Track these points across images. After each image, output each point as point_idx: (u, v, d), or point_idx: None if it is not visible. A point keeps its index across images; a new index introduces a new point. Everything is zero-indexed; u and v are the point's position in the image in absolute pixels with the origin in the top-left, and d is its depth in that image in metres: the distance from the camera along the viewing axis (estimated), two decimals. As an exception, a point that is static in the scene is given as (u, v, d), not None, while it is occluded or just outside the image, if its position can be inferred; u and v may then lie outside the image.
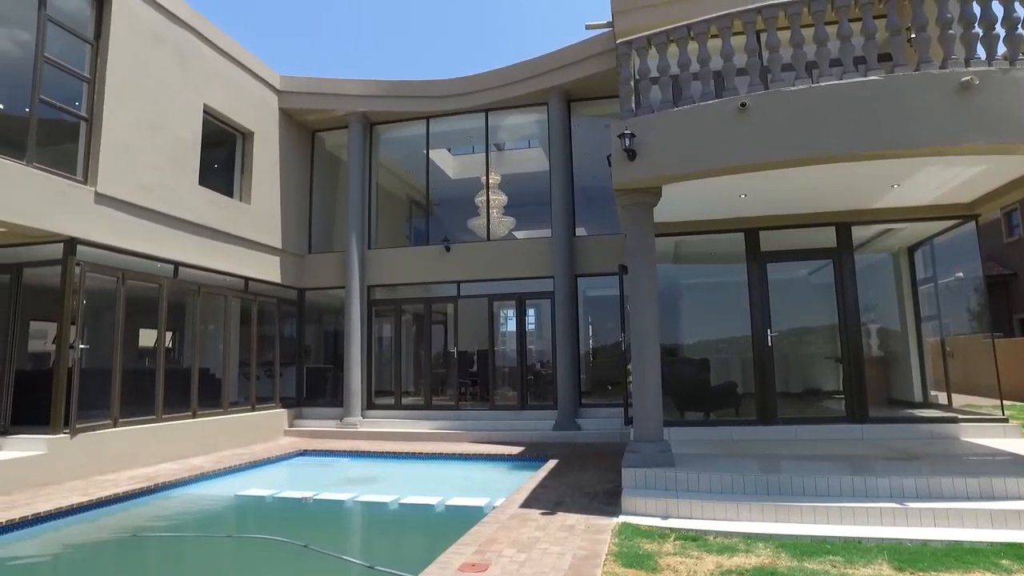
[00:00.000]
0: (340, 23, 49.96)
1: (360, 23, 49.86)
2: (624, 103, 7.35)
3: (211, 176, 11.63)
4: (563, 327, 12.30)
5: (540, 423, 12.16)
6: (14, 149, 8.30)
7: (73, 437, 8.51)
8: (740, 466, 6.63)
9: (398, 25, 50.29)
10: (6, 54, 8.65)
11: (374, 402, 13.56)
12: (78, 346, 8.73)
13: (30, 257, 8.94)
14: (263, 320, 13.07)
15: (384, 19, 49.79)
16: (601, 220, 13.87)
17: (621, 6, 10.35)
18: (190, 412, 10.77)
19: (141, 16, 10.10)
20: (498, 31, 51.62)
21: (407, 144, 14.86)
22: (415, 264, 13.70)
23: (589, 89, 12.87)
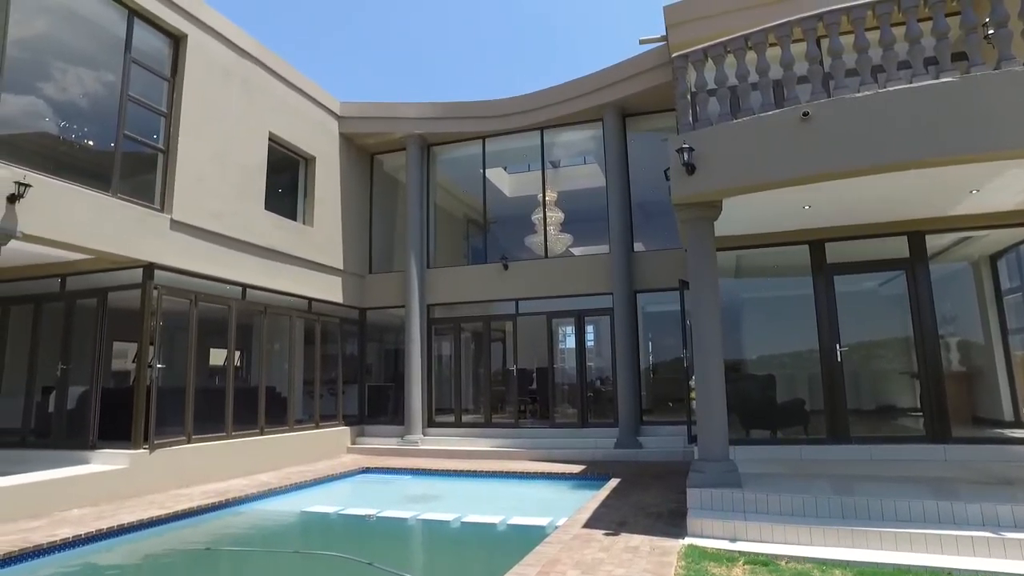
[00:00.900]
0: (398, 47, 51.39)
1: (416, 47, 51.12)
2: (681, 117, 7.27)
3: (276, 200, 12.08)
4: (623, 344, 12.15)
5: (601, 441, 12.00)
6: (101, 181, 8.84)
7: (152, 452, 8.91)
8: (811, 487, 6.36)
9: (452, 48, 51.33)
10: (94, 94, 9.25)
11: (434, 420, 13.69)
12: (156, 365, 9.16)
13: (113, 282, 9.46)
14: (326, 339, 13.42)
15: (438, 42, 50.90)
16: (659, 235, 13.69)
17: (675, 19, 10.28)
18: (258, 429, 11.12)
19: (212, 53, 10.64)
20: (552, 49, 52.00)
21: (464, 164, 15.08)
22: (473, 282, 13.83)
23: (644, 104, 12.80)
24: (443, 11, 46.43)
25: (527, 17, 46.30)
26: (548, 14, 47.14)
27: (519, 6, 45.67)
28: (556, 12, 46.57)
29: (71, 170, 8.61)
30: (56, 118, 8.94)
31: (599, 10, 47.23)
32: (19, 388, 9.88)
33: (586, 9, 47.15)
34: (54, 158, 8.65)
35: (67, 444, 9.21)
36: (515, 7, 46.16)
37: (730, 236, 8.76)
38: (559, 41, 50.93)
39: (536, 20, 47.75)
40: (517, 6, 45.79)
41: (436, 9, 46.56)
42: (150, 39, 9.77)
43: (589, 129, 13.82)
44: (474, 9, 46.92)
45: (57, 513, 7.49)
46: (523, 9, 46.18)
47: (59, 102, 8.85)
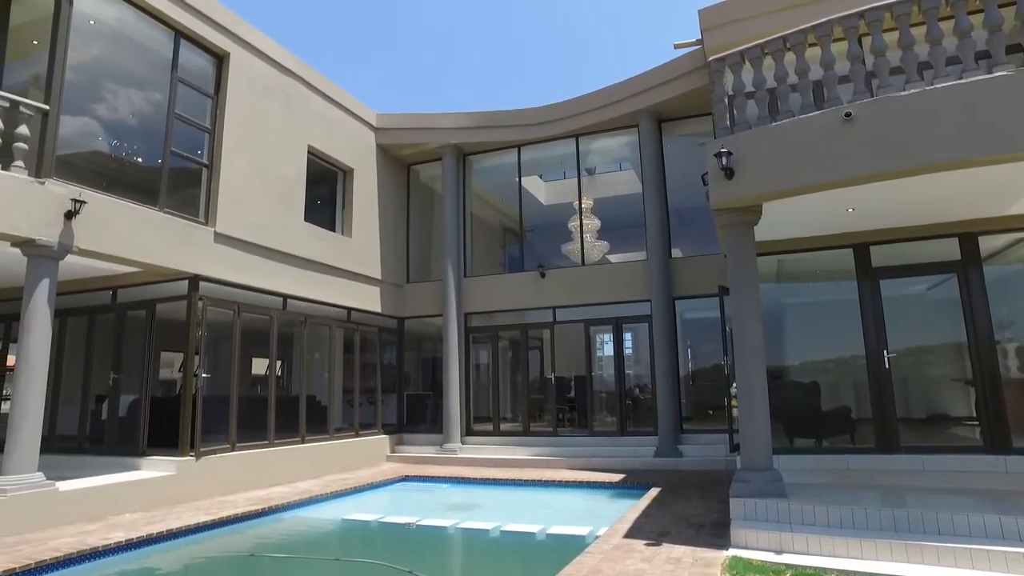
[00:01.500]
0: (433, 59, 52.03)
1: (450, 57, 51.65)
2: (719, 121, 7.18)
3: (315, 212, 12.30)
4: (661, 351, 12.01)
5: (640, 449, 11.85)
6: (149, 196, 9.14)
7: (198, 460, 9.13)
8: (860, 498, 6.16)
9: (487, 58, 51.72)
10: (143, 113, 9.58)
11: (472, 428, 13.71)
12: (201, 375, 9.40)
13: (161, 294, 9.74)
14: (365, 348, 13.58)
15: (473, 53, 51.35)
16: (697, 241, 13.51)
17: (710, 23, 10.17)
18: (299, 438, 11.29)
19: (254, 70, 10.92)
20: (585, 57, 51.95)
21: (499, 173, 15.15)
22: (510, 291, 13.85)
23: (680, 109, 12.68)
24: (477, 23, 46.86)
25: (560, 26, 46.40)
26: (580, 22, 47.19)
27: (551, 15, 45.80)
28: (588, 19, 46.59)
29: (121, 186, 8.93)
30: (108, 137, 9.29)
31: (631, 16, 47.10)
32: (75, 396, 10.25)
33: (618, 15, 47.06)
34: (106, 175, 8.97)
35: (119, 451, 9.50)
36: (547, 16, 46.32)
37: (770, 240, 8.60)
38: (592, 49, 50.91)
39: (569, 28, 47.83)
40: (549, 15, 45.93)
41: (470, 21, 47.01)
42: (195, 58, 10.08)
43: (624, 135, 13.74)
44: (507, 19, 47.24)
45: (111, 517, 7.73)
46: (556, 18, 46.31)
47: (110, 121, 9.20)
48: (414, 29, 49.46)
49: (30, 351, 7.44)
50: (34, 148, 7.76)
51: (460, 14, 47.63)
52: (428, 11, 46.91)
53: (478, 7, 47.50)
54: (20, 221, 7.32)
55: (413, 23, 49.35)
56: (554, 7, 46.17)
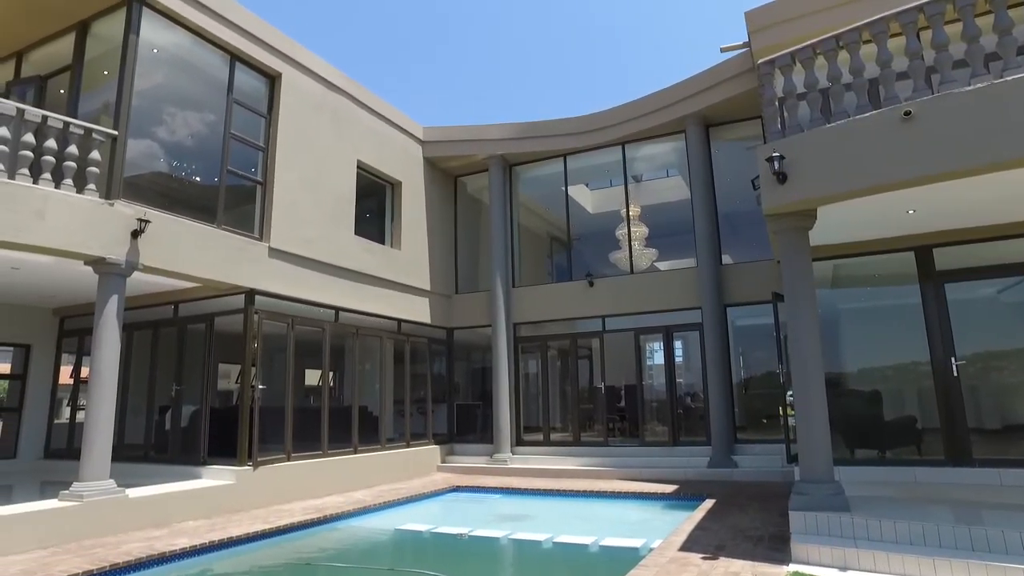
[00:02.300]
0: (477, 70, 52.60)
1: (495, 69, 52.14)
2: (769, 124, 7.03)
3: (364, 225, 12.53)
4: (713, 359, 11.77)
5: (693, 460, 11.62)
6: (207, 214, 9.48)
7: (255, 469, 9.37)
8: (930, 513, 5.88)
9: (531, 69, 52.02)
10: (200, 134, 9.96)
11: (523, 438, 13.70)
12: (258, 387, 9.65)
13: (219, 308, 10.07)
14: (415, 359, 13.74)
15: (518, 64, 51.74)
16: (748, 246, 13.24)
17: (757, 24, 9.99)
18: (351, 448, 11.47)
19: (304, 88, 11.23)
20: (629, 64, 51.73)
21: (545, 182, 15.17)
22: (559, 300, 13.81)
23: (727, 113, 12.47)
24: (521, 34, 47.08)
25: (603, 35, 46.26)
26: (624, 29, 46.94)
27: (594, 24, 45.71)
28: (631, 27, 46.32)
29: (181, 205, 9.28)
30: (168, 158, 9.69)
31: (675, 22, 46.63)
32: (141, 407, 10.68)
33: (662, 22, 46.66)
34: (167, 195, 9.34)
35: (181, 459, 9.85)
36: (590, 25, 46.25)
37: (826, 245, 8.35)
38: (636, 56, 50.54)
39: (612, 37, 47.64)
40: (592, 24, 45.86)
41: (514, 33, 47.31)
42: (249, 80, 10.43)
43: (671, 141, 13.59)
44: (551, 28, 47.36)
45: (175, 523, 8.01)
46: (599, 27, 46.19)
47: (170, 143, 9.59)
48: (459, 43, 50.10)
49: (101, 364, 7.78)
50: (104, 171, 8.16)
51: (504, 28, 48.02)
52: (473, 26, 47.46)
53: (521, 20, 47.79)
54: (92, 241, 7.70)
55: (458, 37, 49.99)
56: (597, 16, 46.12)
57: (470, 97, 53.01)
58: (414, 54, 51.29)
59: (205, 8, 9.45)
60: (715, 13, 44.34)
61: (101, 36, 9.24)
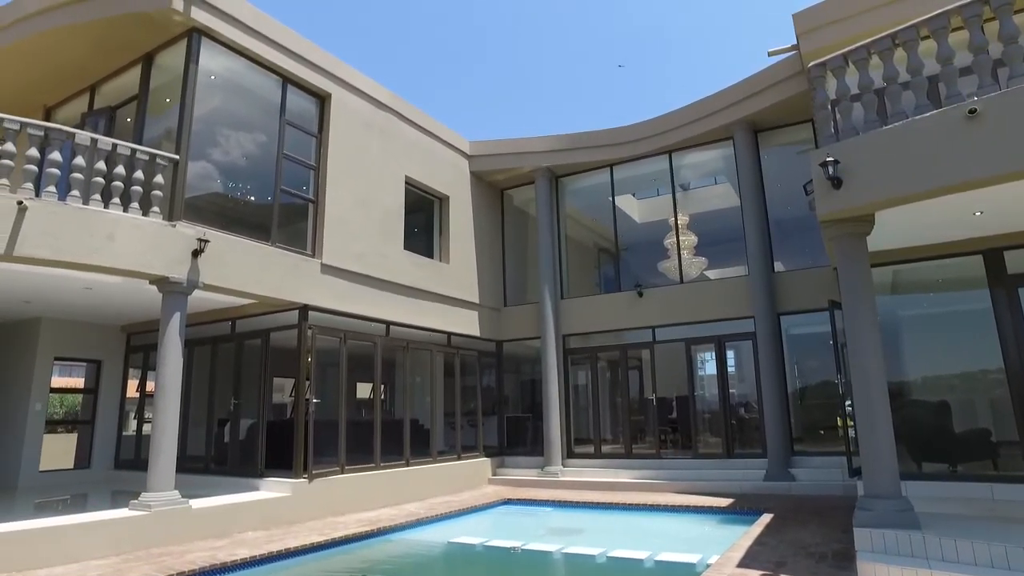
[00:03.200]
0: (524, 84, 53.05)
1: (540, 80, 52.46)
2: (822, 129, 6.85)
3: (413, 239, 12.72)
4: (767, 369, 11.48)
5: (748, 472, 11.33)
6: (261, 232, 9.79)
7: (311, 482, 9.55)
8: (1011, 534, 5.55)
9: (576, 80, 52.14)
10: (253, 155, 10.32)
11: (573, 451, 13.60)
12: (312, 400, 9.86)
13: (274, 324, 10.36)
14: (465, 372, 13.82)
15: (562, 76, 51.93)
16: (800, 253, 12.93)
17: (805, 26, 9.80)
18: (403, 461, 11.59)
19: (353, 107, 11.51)
20: (674, 72, 51.32)
21: (592, 193, 15.12)
22: (608, 311, 13.72)
23: (776, 117, 12.23)
24: (565, 47, 47.26)
25: (648, 43, 46.04)
26: (669, 36, 46.61)
27: (639, 31, 45.53)
28: (676, 34, 45.96)
29: (237, 224, 9.60)
30: (224, 178, 10.07)
31: (719, 29, 46.07)
32: (202, 420, 11.05)
33: (706, 28, 46.16)
34: (223, 214, 9.69)
35: (240, 471, 10.12)
36: (635, 33, 46.10)
37: (884, 250, 8.07)
38: (681, 63, 50.10)
39: (657, 44, 47.36)
40: (637, 31, 45.69)
41: (559, 45, 47.51)
42: (300, 101, 10.76)
43: (718, 148, 13.40)
44: (595, 39, 47.40)
45: (236, 534, 8.23)
46: (643, 35, 45.99)
47: (226, 164, 9.96)
48: (502, 57, 50.60)
49: (166, 379, 8.09)
50: (167, 194, 8.53)
51: (549, 41, 48.29)
52: (517, 40, 47.88)
53: (565, 33, 47.96)
54: (156, 261, 8.05)
55: (501, 52, 50.51)
56: (641, 25, 45.96)
57: (515, 110, 53.49)
58: (459, 69, 52.14)
59: (259, 35, 9.80)
60: (760, 17, 43.66)
61: (164, 66, 9.69)
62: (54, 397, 11.93)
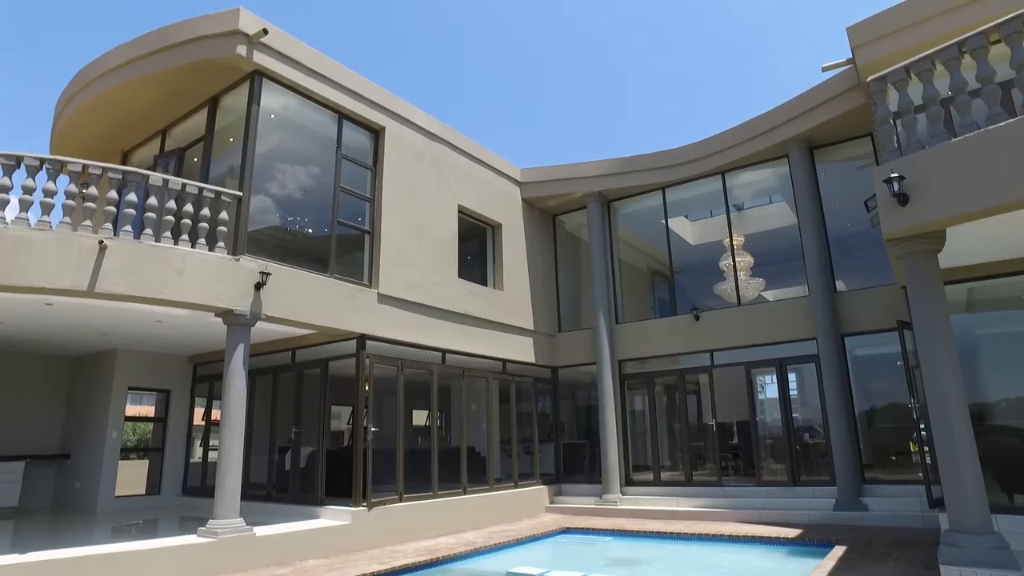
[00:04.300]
0: (575, 110, 53.46)
1: (591, 106, 52.74)
2: (884, 143, 6.65)
3: (467, 267, 12.84)
4: (833, 392, 11.05)
5: (816, 501, 10.86)
6: (319, 264, 10.05)
7: (370, 510, 9.62)
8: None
9: (628, 103, 52.24)
10: (309, 188, 10.66)
11: (632, 478, 13.33)
12: (371, 429, 9.97)
13: (332, 353, 10.56)
14: (520, 398, 13.78)
15: (611, 98, 52.09)
16: (862, 272, 12.50)
17: (861, 39, 9.57)
18: (461, 489, 11.56)
19: (406, 139, 11.79)
20: (725, 92, 50.86)
21: (644, 216, 15.00)
22: (664, 335, 13.50)
23: (832, 133, 11.94)
24: (615, 72, 47.53)
25: (696, 65, 45.88)
26: (717, 57, 46.34)
27: (688, 53, 45.46)
28: (723, 54, 45.67)
29: (296, 256, 9.90)
30: (283, 212, 10.42)
31: (770, 47, 45.54)
32: (264, 448, 11.30)
33: (756, 48, 45.70)
34: (282, 246, 10.01)
35: (300, 499, 10.28)
36: (684, 55, 46.01)
37: (958, 268, 7.72)
38: (731, 84, 49.66)
39: (706, 66, 47.12)
40: (686, 53, 45.62)
41: (610, 71, 47.82)
42: (355, 135, 11.08)
43: (772, 167, 13.14)
44: (644, 63, 47.51)
45: (297, 562, 8.33)
46: (691, 57, 45.88)
47: (285, 198, 10.32)
48: (555, 85, 51.18)
49: (231, 408, 8.34)
50: (231, 229, 8.87)
51: (595, 64, 48.66)
52: (567, 66, 48.39)
53: (611, 56, 48.27)
54: (222, 294, 8.35)
55: (554, 79, 51.11)
56: (689, 47, 45.88)
57: (564, 136, 53.88)
58: (508, 97, 52.99)
59: (316, 74, 10.18)
60: (809, 34, 42.94)
61: (228, 108, 10.16)
62: (127, 425, 12.44)
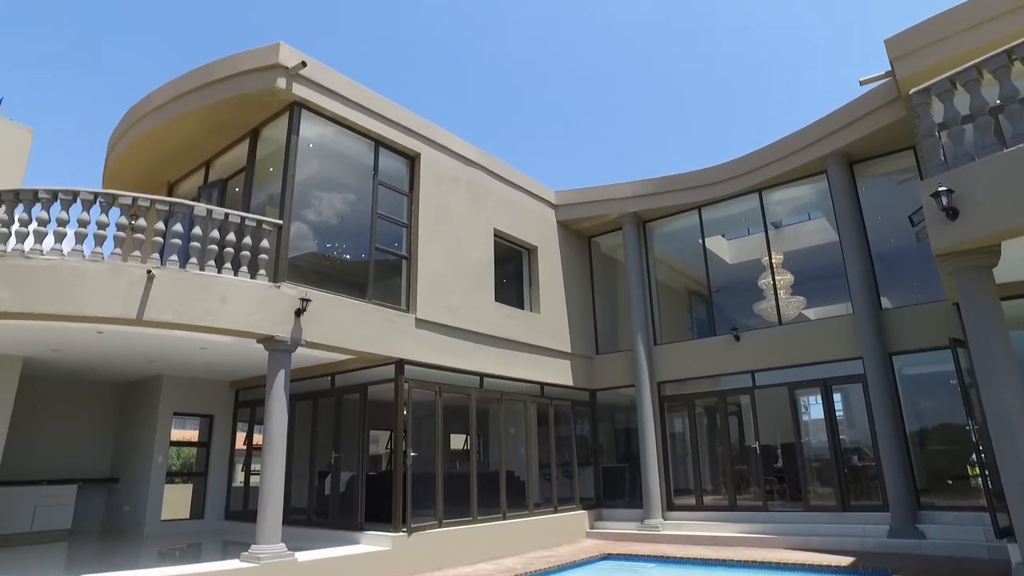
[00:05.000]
0: (608, 131, 53.64)
1: (624, 125, 52.85)
2: (930, 157, 6.48)
3: (503, 291, 12.84)
4: (882, 413, 10.68)
5: (869, 528, 10.45)
6: (357, 290, 10.17)
7: (409, 535, 9.58)
8: None
9: (655, 122, 52.25)
10: (344, 214, 10.85)
11: (673, 502, 13.04)
12: (410, 454, 9.96)
13: (371, 378, 10.63)
14: (559, 422, 13.65)
15: (645, 119, 52.15)
16: (909, 288, 12.18)
17: (900, 51, 9.42)
18: (500, 514, 11.44)
19: (442, 165, 11.93)
20: (758, 110, 50.53)
21: (681, 236, 14.86)
22: (703, 356, 13.27)
23: (872, 147, 11.72)
24: (648, 92, 47.68)
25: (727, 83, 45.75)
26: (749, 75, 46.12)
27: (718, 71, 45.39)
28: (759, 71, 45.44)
29: (334, 282, 10.04)
30: (321, 239, 10.61)
31: (804, 64, 45.16)
32: (304, 472, 11.38)
33: (790, 64, 45.37)
34: (321, 272, 10.17)
35: (341, 524, 10.30)
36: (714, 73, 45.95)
37: (1014, 283, 7.43)
38: (765, 101, 49.33)
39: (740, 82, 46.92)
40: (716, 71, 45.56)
41: (642, 91, 47.99)
42: (391, 162, 11.25)
43: (810, 183, 12.93)
44: (673, 81, 47.55)
45: (338, 591, 8.31)
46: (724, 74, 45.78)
47: (323, 225, 10.51)
48: (584, 105, 51.51)
49: (272, 433, 8.43)
50: (271, 257, 9.06)
51: (629, 85, 48.87)
52: (598, 87, 48.70)
53: (646, 75, 48.44)
54: (264, 321, 8.51)
55: (582, 100, 51.46)
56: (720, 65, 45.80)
57: (598, 157, 54.03)
58: (541, 119, 53.47)
59: (352, 103, 10.39)
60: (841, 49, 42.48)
61: (268, 139, 10.44)
62: (172, 449, 12.69)
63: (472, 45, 49.91)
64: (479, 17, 44.41)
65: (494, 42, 47.81)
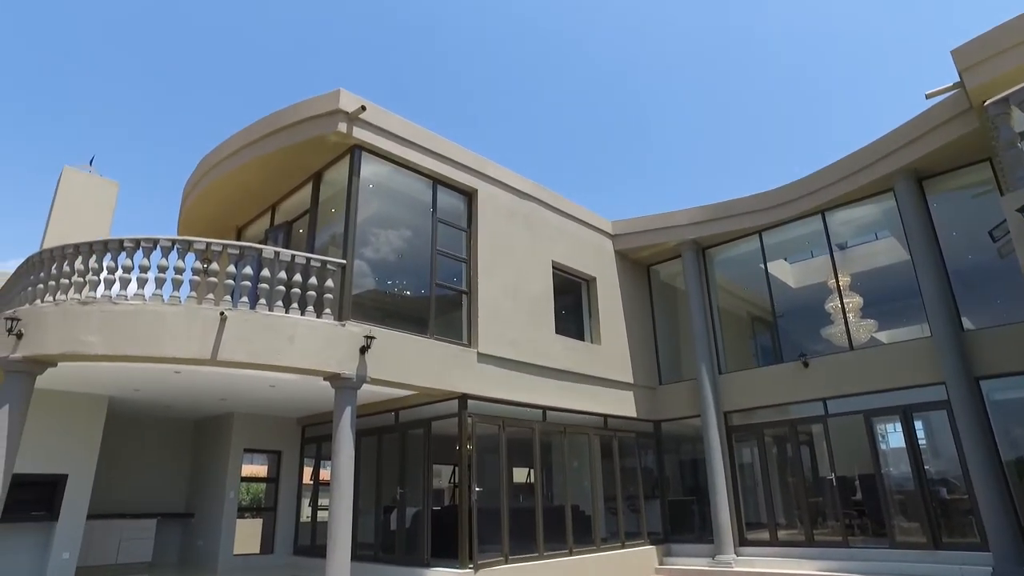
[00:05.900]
0: (661, 158, 53.52)
1: (680, 152, 52.64)
2: (1012, 169, 6.21)
3: (563, 323, 12.76)
4: (972, 442, 10.04)
5: (967, 568, 9.75)
6: (418, 325, 10.31)
7: (476, 572, 9.49)
8: None
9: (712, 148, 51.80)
10: (403, 251, 11.08)
11: (746, 537, 12.52)
12: (475, 488, 9.92)
13: (434, 413, 10.70)
14: (623, 454, 13.39)
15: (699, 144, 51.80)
16: (992, 307, 11.51)
17: (968, 61, 9.13)
18: (566, 549, 11.22)
19: (499, 199, 12.08)
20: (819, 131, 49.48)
21: (741, 262, 14.54)
22: (770, 384, 12.84)
23: (942, 161, 11.28)
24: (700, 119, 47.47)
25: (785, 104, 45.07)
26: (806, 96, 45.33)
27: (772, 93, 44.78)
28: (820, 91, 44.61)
29: (396, 318, 10.22)
30: (383, 276, 10.84)
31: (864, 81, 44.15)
32: (370, 508, 11.47)
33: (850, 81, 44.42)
34: (383, 309, 10.37)
35: (407, 560, 10.31)
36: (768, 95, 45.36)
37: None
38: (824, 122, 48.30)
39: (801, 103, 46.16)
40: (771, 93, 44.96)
41: (694, 118, 47.79)
42: (449, 199, 11.46)
43: (876, 202, 12.49)
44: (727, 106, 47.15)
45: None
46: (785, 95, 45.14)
47: (384, 263, 10.75)
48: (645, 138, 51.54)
49: (340, 470, 8.54)
50: (336, 296, 9.30)
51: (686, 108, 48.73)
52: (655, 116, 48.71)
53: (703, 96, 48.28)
54: (330, 359, 8.71)
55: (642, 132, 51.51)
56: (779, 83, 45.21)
57: (661, 186, 53.89)
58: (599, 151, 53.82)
59: (410, 143, 10.68)
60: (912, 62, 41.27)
61: (331, 181, 10.83)
62: (242, 485, 13.02)
63: (533, 78, 50.86)
64: (544, 53, 45.29)
65: (552, 74, 48.60)
